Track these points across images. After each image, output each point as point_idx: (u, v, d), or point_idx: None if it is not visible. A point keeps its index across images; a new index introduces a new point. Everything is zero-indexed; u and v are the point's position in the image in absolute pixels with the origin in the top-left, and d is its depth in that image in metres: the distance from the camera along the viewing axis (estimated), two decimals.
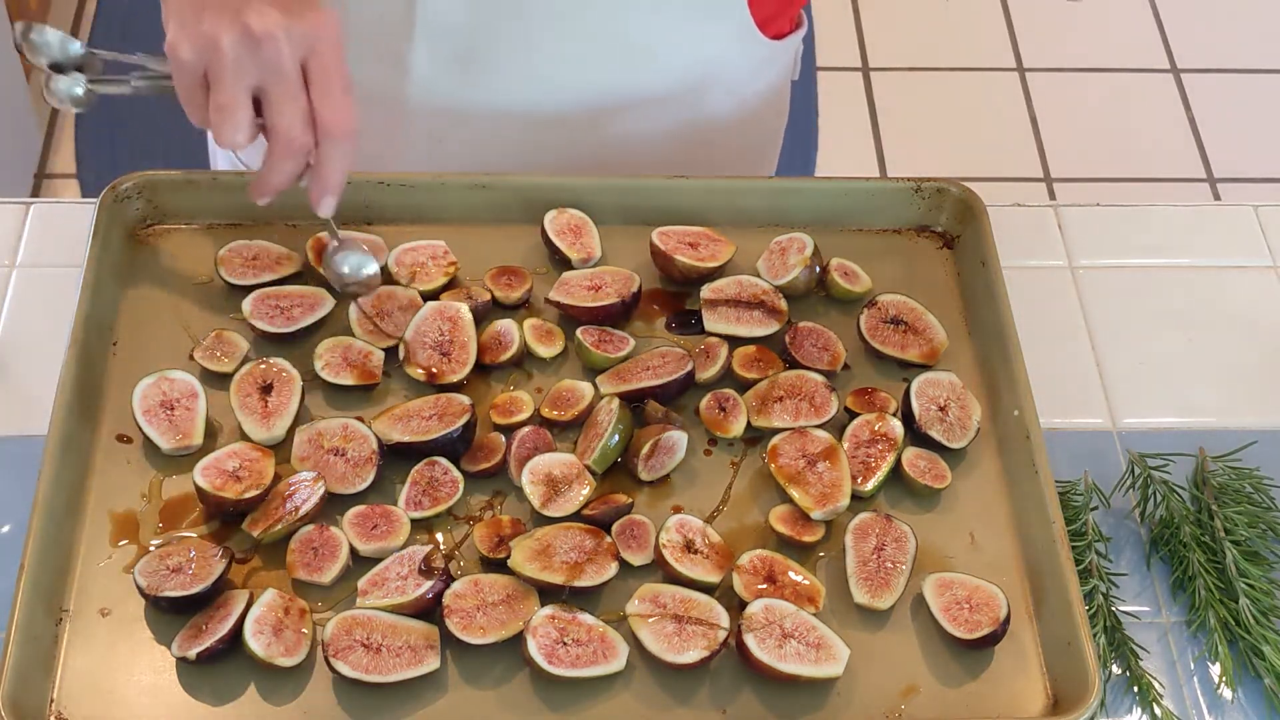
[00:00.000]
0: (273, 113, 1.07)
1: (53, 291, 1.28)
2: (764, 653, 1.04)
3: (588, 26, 1.29)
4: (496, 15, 1.27)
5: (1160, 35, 3.35)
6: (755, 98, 1.44)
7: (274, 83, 1.06)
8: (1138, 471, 1.22)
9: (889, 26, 3.36)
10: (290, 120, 1.07)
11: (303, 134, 1.08)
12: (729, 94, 1.40)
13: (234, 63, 1.05)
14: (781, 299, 1.25)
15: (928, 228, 1.33)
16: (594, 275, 1.25)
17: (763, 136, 1.52)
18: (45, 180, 2.95)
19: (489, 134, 1.35)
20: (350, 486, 1.13)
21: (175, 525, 1.11)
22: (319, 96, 1.08)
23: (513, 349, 1.21)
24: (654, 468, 1.15)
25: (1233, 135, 3.20)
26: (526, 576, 1.07)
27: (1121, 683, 1.12)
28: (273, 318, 1.21)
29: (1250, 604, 1.14)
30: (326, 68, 1.07)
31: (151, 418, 1.15)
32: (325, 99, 1.08)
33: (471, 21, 1.28)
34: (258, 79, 1.06)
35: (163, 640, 1.06)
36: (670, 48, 1.33)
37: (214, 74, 1.05)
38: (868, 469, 1.16)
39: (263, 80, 1.06)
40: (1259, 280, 1.38)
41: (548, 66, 1.31)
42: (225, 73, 1.05)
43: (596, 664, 1.04)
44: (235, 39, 1.04)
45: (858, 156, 3.10)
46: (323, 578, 1.08)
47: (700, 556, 1.10)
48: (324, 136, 1.08)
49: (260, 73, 1.05)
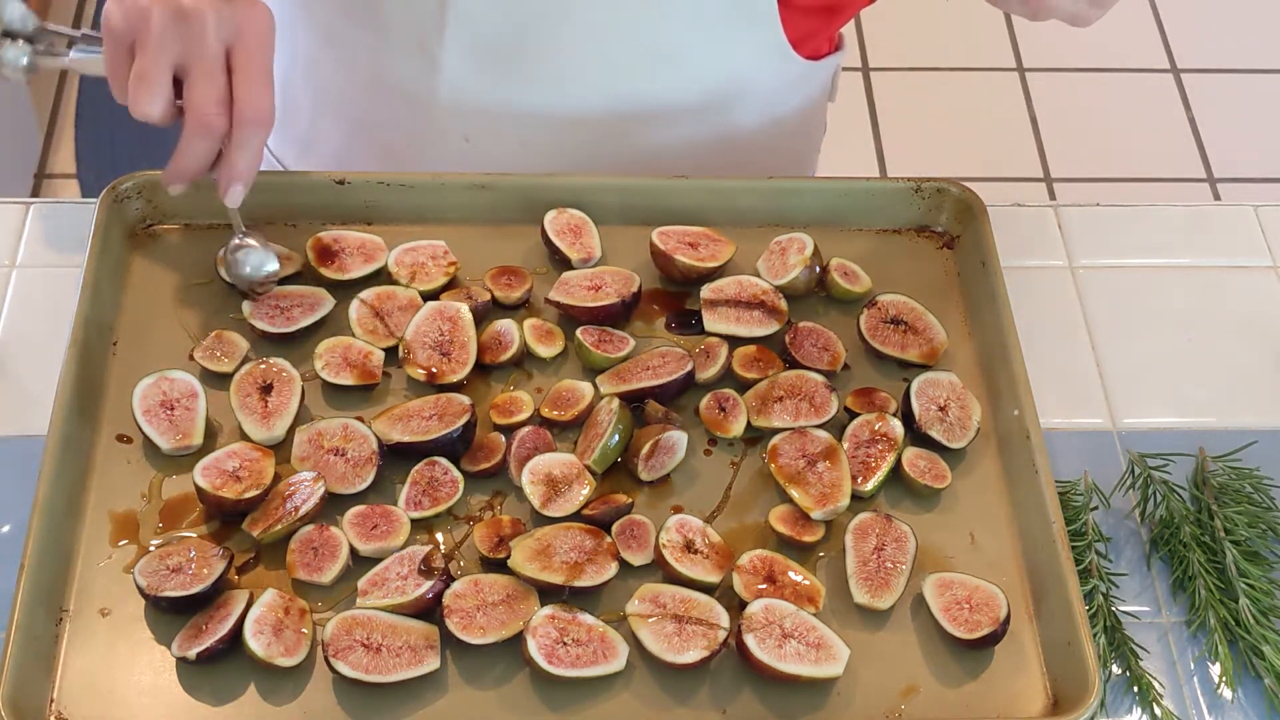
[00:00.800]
0: (191, 89, 1.09)
1: (53, 291, 1.28)
2: (764, 653, 1.04)
3: (619, 33, 1.29)
4: (529, 18, 1.27)
5: (1160, 35, 3.35)
6: (788, 116, 1.43)
7: (195, 59, 1.09)
8: (1138, 471, 1.22)
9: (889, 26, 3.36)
10: (205, 97, 1.09)
11: (217, 113, 1.10)
12: (759, 110, 1.40)
13: (159, 34, 1.07)
14: (781, 299, 1.25)
15: (928, 228, 1.33)
16: (594, 275, 1.25)
17: (794, 155, 1.50)
18: (45, 180, 2.95)
19: (518, 135, 1.35)
20: (350, 486, 1.13)
21: (175, 525, 1.11)
22: (239, 82, 1.10)
23: (513, 349, 1.21)
24: (654, 468, 1.15)
25: (1233, 135, 3.20)
26: (526, 576, 1.07)
27: (1121, 683, 1.12)
28: (273, 318, 1.21)
29: (1250, 604, 1.14)
30: (250, 55, 1.10)
31: (151, 418, 1.15)
32: (244, 84, 1.10)
33: (504, 23, 1.28)
34: (181, 54, 1.08)
35: (163, 640, 1.06)
36: (701, 60, 1.33)
37: (139, 44, 1.08)
38: (868, 469, 1.16)
39: (185, 56, 1.08)
40: (1259, 280, 1.38)
41: (578, 71, 1.31)
42: (150, 42, 1.08)
43: (596, 664, 1.04)
44: (165, 12, 1.08)
45: (858, 156, 3.10)
46: (323, 578, 1.08)
47: (700, 556, 1.10)
48: (238, 121, 1.10)
49: (184, 48, 1.08)
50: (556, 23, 1.28)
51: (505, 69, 1.31)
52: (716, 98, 1.36)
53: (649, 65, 1.32)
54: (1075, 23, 1.14)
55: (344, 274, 1.25)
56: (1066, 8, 1.12)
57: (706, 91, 1.35)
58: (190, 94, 1.10)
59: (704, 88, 1.35)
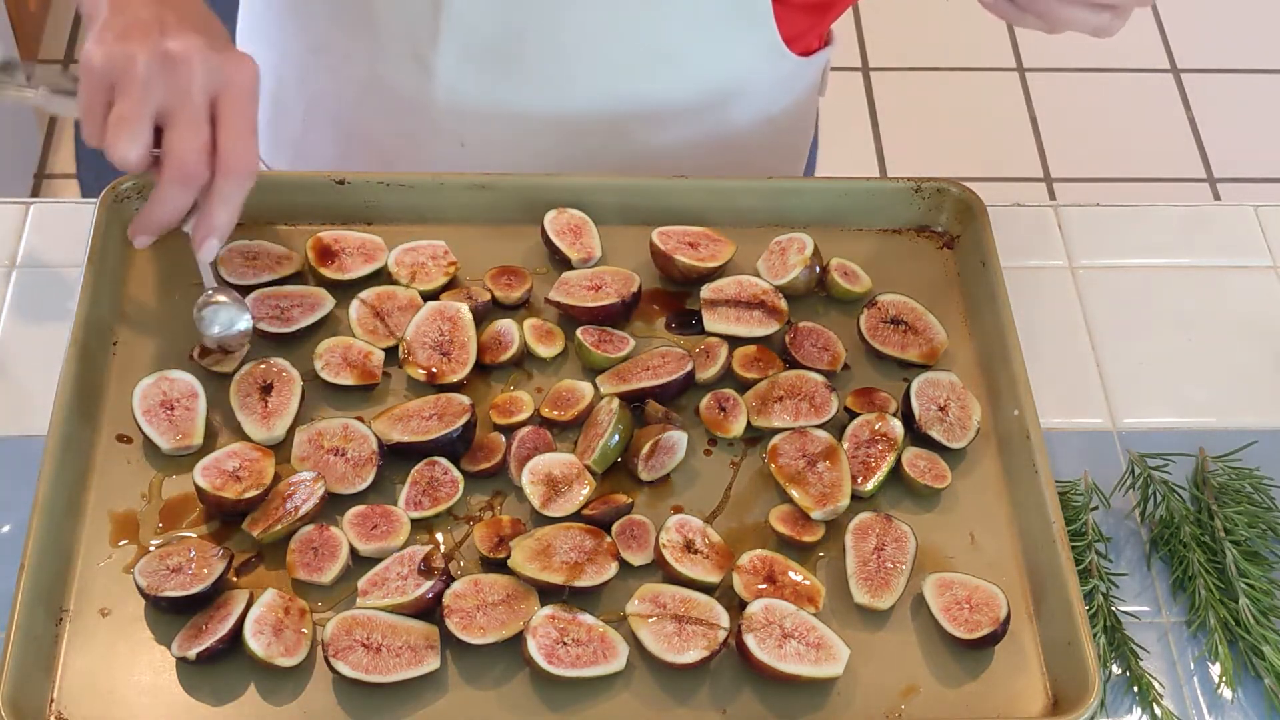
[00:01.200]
0: (172, 136, 1.05)
1: (53, 291, 1.28)
2: (764, 653, 1.04)
3: (616, 34, 1.29)
4: (524, 21, 1.27)
5: (1160, 35, 3.35)
6: (782, 113, 1.44)
7: (179, 107, 1.05)
8: (1138, 471, 1.22)
9: (889, 26, 3.36)
10: (187, 145, 1.05)
11: (198, 162, 1.06)
12: (755, 108, 1.40)
13: (145, 79, 1.04)
14: (781, 299, 1.25)
15: (928, 228, 1.33)
16: (594, 275, 1.25)
17: (788, 151, 1.51)
18: (45, 180, 2.95)
19: (514, 138, 1.35)
20: (350, 486, 1.13)
21: (175, 525, 1.11)
22: (223, 133, 1.06)
23: (513, 349, 1.21)
24: (654, 468, 1.15)
25: (1233, 135, 3.20)
26: (526, 576, 1.07)
27: (1121, 683, 1.12)
28: (273, 318, 1.21)
29: (1250, 604, 1.14)
30: (236, 106, 1.06)
31: (151, 418, 1.15)
32: (228, 136, 1.06)
33: (499, 26, 1.27)
34: (164, 101, 1.05)
35: (163, 640, 1.06)
36: (697, 59, 1.33)
37: (122, 86, 1.05)
38: (868, 469, 1.16)
39: (169, 103, 1.05)
40: (1259, 280, 1.38)
41: (574, 72, 1.31)
42: (134, 86, 1.04)
43: (596, 664, 1.04)
44: (151, 57, 1.04)
45: (858, 156, 3.10)
46: (323, 578, 1.08)
47: (700, 556, 1.10)
48: (221, 173, 1.07)
49: (168, 95, 1.05)
50: (552, 25, 1.28)
51: (501, 72, 1.31)
52: (712, 97, 1.36)
53: (646, 66, 1.32)
54: (1099, 34, 1.12)
55: (344, 274, 1.25)
56: (1090, 21, 1.11)
57: (703, 91, 1.35)
58: (172, 142, 1.06)
59: (700, 87, 1.35)
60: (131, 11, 1.07)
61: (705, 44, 1.32)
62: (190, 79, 1.05)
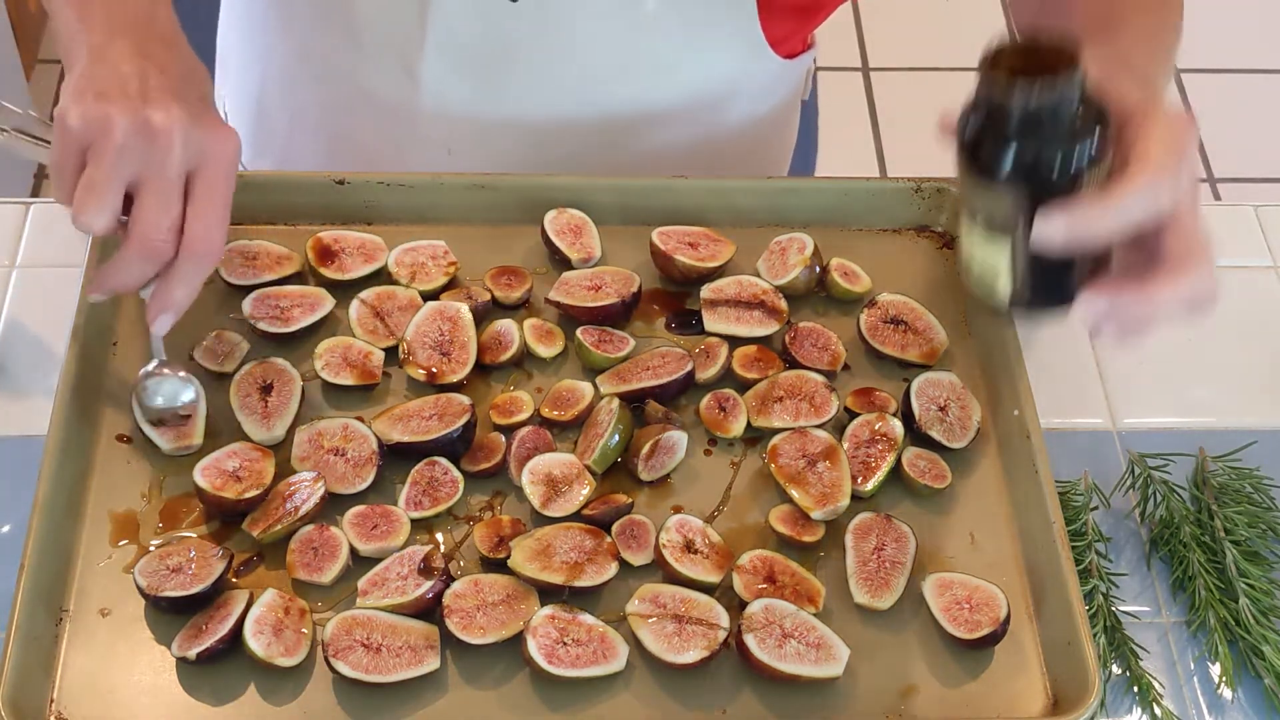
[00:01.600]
0: (142, 209, 1.01)
1: (53, 291, 1.28)
2: (764, 653, 1.04)
3: (602, 41, 1.28)
4: (509, 30, 1.27)
5: None
6: (767, 116, 1.44)
7: (153, 181, 1.01)
8: (1138, 471, 1.22)
9: (889, 26, 3.36)
10: (156, 222, 1.01)
11: (165, 240, 1.02)
12: (741, 111, 1.40)
13: (121, 147, 0.99)
14: (781, 299, 1.25)
15: (928, 228, 1.33)
16: (594, 275, 1.25)
17: (772, 154, 1.51)
18: (45, 180, 2.95)
19: (501, 146, 1.35)
20: (350, 486, 1.13)
21: (175, 525, 1.11)
22: (194, 211, 1.02)
23: (513, 349, 1.21)
24: (654, 468, 1.15)
25: (1233, 135, 3.20)
26: (526, 576, 1.07)
27: (1121, 683, 1.12)
28: (272, 318, 1.21)
29: (1250, 604, 1.14)
30: (212, 184, 1.03)
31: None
32: (198, 216, 1.02)
33: (483, 35, 1.27)
34: (138, 172, 1.01)
35: (163, 640, 1.06)
36: (683, 64, 1.32)
37: (96, 151, 1.00)
38: (868, 469, 1.16)
39: (143, 175, 1.01)
40: (1259, 280, 1.38)
41: (561, 79, 1.31)
42: (108, 153, 0.99)
43: (596, 664, 1.04)
44: (130, 125, 1.00)
45: (858, 156, 3.10)
46: (323, 578, 1.08)
47: (700, 556, 1.10)
48: (185, 253, 1.03)
49: (143, 167, 1.00)
50: (538, 33, 1.27)
51: (486, 80, 1.31)
52: (699, 101, 1.36)
53: (632, 72, 1.32)
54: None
55: (344, 274, 1.25)
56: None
57: (690, 95, 1.35)
58: (140, 215, 1.01)
59: (687, 92, 1.35)
60: (112, 63, 1.03)
61: (689, 49, 1.31)
62: (168, 153, 1.00)
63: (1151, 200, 0.99)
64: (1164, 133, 1.00)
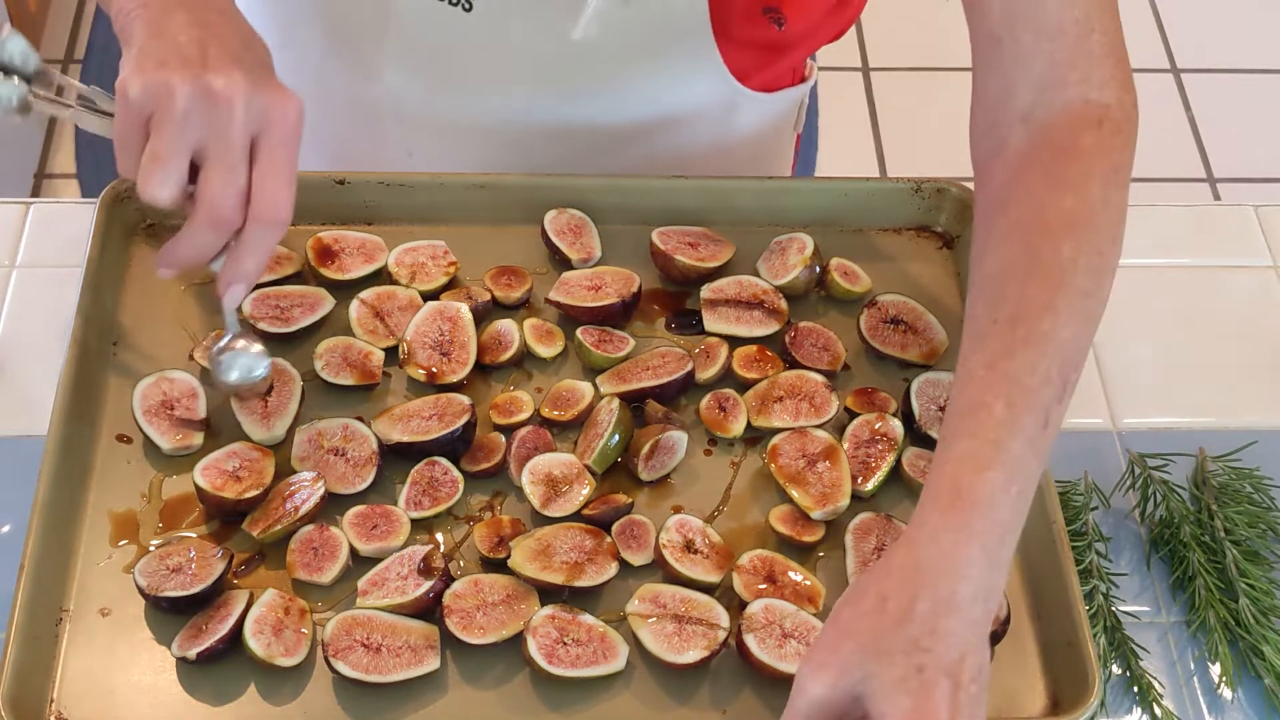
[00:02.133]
0: (208, 178, 0.99)
1: (53, 291, 1.28)
2: (764, 653, 1.04)
3: (552, 62, 1.27)
4: (468, 45, 1.26)
5: (1160, 35, 3.35)
6: (740, 143, 1.40)
7: (218, 147, 0.99)
8: (1138, 471, 1.22)
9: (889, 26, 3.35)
10: (223, 190, 0.99)
11: (232, 208, 1.00)
12: (706, 135, 1.37)
13: (183, 114, 0.97)
14: (781, 299, 1.25)
15: (928, 228, 1.33)
16: (594, 275, 1.25)
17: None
18: (45, 180, 2.95)
19: (457, 153, 1.34)
20: (350, 486, 1.13)
21: (175, 525, 1.11)
22: (260, 176, 1.00)
23: (513, 349, 1.21)
24: (654, 468, 1.15)
25: (1233, 135, 3.20)
26: (526, 576, 1.07)
27: (1121, 683, 1.12)
28: (273, 318, 1.21)
29: (1250, 604, 1.14)
30: (276, 149, 1.01)
31: (151, 418, 1.15)
32: (265, 180, 1.00)
33: (444, 44, 1.26)
34: (202, 139, 0.99)
35: (163, 640, 1.06)
36: (641, 86, 1.30)
37: (159, 120, 0.98)
38: (868, 469, 1.16)
39: (207, 142, 0.99)
40: (1259, 280, 1.38)
41: (516, 93, 1.30)
42: (171, 121, 0.98)
43: (596, 664, 1.04)
44: (191, 91, 0.97)
45: (858, 156, 3.10)
46: (323, 578, 1.08)
47: (700, 556, 1.10)
48: (254, 219, 1.01)
49: (207, 133, 0.98)
50: (488, 44, 1.26)
51: (443, 87, 1.30)
52: (658, 122, 1.34)
53: (587, 90, 1.30)
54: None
55: (344, 274, 1.25)
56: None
57: (648, 116, 1.33)
58: (207, 184, 0.99)
59: (645, 112, 1.33)
60: (170, 35, 1.00)
61: (649, 74, 1.29)
62: (231, 118, 0.98)
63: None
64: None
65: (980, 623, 0.92)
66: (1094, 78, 1.08)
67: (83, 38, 3.16)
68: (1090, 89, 1.08)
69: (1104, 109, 1.07)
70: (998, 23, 1.09)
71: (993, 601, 0.93)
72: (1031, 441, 0.96)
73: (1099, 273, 1.04)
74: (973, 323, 1.02)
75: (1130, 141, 1.09)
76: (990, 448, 0.95)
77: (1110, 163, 1.06)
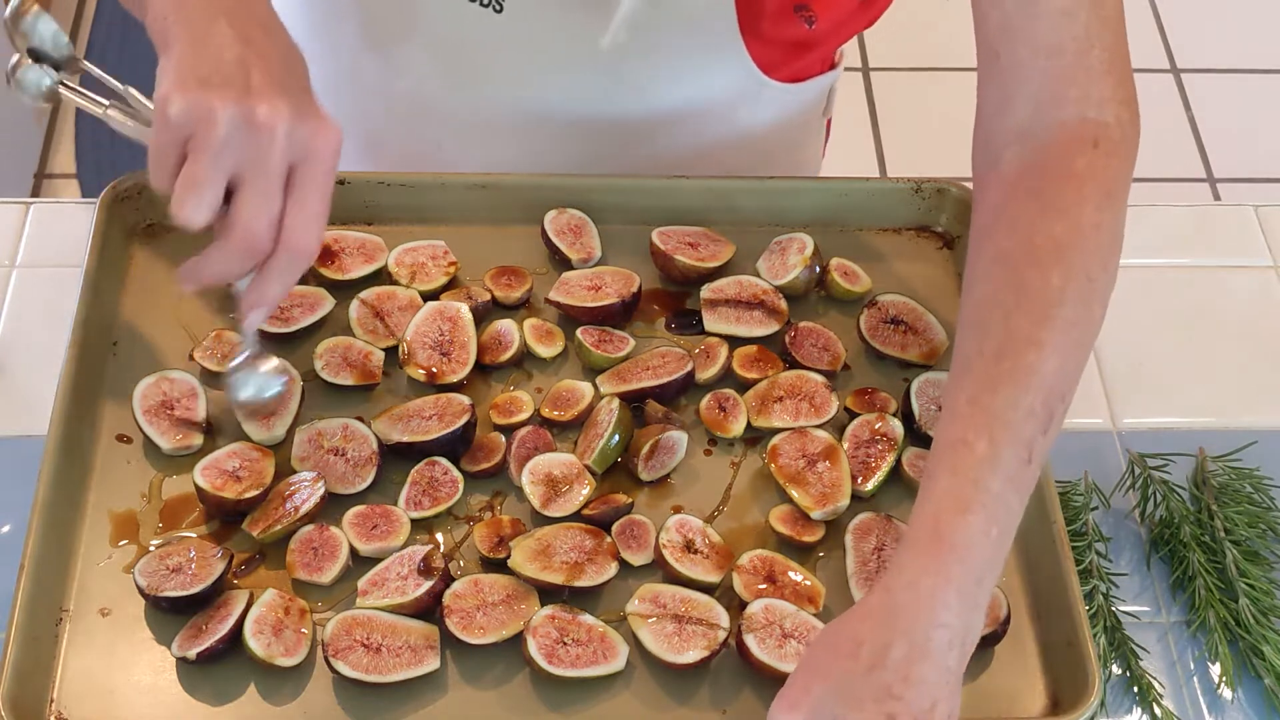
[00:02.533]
0: (243, 204, 0.98)
1: (53, 291, 1.28)
2: (764, 653, 1.04)
3: (580, 61, 1.27)
4: (497, 45, 1.26)
5: (1160, 35, 3.35)
6: (767, 134, 1.41)
7: (255, 175, 0.98)
8: (1138, 471, 1.22)
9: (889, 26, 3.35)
10: (257, 217, 0.98)
11: (265, 237, 0.99)
12: (734, 128, 1.37)
13: (224, 140, 0.96)
14: (781, 299, 1.25)
15: (928, 228, 1.33)
16: (594, 275, 1.25)
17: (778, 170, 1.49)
18: (45, 180, 2.95)
19: (488, 144, 1.34)
20: (350, 486, 1.13)
21: (175, 525, 1.11)
22: (294, 206, 1.00)
23: (513, 349, 1.21)
24: (654, 468, 1.15)
25: (1233, 135, 3.20)
26: (526, 576, 1.07)
27: (1121, 683, 1.12)
28: (272, 318, 1.21)
29: (1250, 604, 1.14)
30: (313, 180, 1.00)
31: (151, 418, 1.15)
32: (300, 211, 1.00)
33: (473, 44, 1.27)
34: (240, 165, 0.98)
35: (163, 640, 1.06)
36: (668, 86, 1.31)
37: (197, 143, 0.97)
38: (868, 469, 1.16)
39: (245, 169, 0.98)
40: (1259, 280, 1.38)
41: (539, 89, 1.30)
42: (211, 147, 0.96)
43: (596, 664, 1.04)
44: (234, 117, 0.96)
45: (858, 156, 3.10)
46: (323, 578, 1.08)
47: (700, 556, 1.10)
48: (283, 247, 1.00)
49: (246, 161, 0.98)
50: (515, 48, 1.26)
51: (467, 82, 1.30)
52: (684, 115, 1.34)
53: (615, 87, 1.30)
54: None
55: (344, 274, 1.25)
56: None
57: (675, 110, 1.33)
58: (241, 210, 0.97)
59: (672, 106, 1.33)
60: (214, 50, 0.99)
61: (673, 71, 1.29)
62: (271, 147, 0.97)
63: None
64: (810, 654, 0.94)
65: (954, 670, 0.92)
66: (1093, 95, 1.08)
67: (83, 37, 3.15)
68: (1089, 107, 1.07)
69: (1101, 128, 1.07)
70: (994, 36, 1.09)
71: (969, 643, 0.94)
72: (1013, 479, 0.97)
73: (1088, 300, 1.04)
74: (960, 353, 1.03)
75: (1128, 160, 1.08)
76: (970, 487, 0.95)
77: (1104, 186, 1.06)
